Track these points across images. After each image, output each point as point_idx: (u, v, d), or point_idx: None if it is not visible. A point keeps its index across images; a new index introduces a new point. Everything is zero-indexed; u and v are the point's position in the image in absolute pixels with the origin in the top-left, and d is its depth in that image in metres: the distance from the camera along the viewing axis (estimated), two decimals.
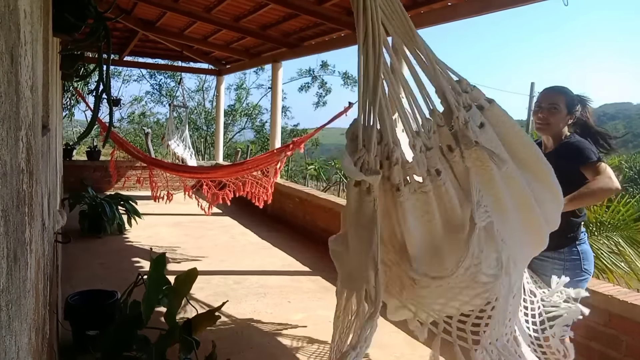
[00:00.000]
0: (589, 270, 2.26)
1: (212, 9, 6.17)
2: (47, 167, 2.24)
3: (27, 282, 0.97)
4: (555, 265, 2.20)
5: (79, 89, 9.65)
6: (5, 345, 0.67)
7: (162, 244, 5.52)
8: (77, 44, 3.11)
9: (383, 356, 3.05)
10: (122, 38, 8.44)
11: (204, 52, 8.98)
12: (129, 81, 21.73)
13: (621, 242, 4.62)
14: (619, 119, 78.03)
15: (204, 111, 22.14)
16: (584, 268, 2.23)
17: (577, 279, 2.19)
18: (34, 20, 1.26)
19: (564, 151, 2.24)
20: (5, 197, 0.69)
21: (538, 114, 2.31)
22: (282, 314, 3.72)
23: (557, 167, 2.07)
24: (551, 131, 2.30)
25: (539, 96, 2.35)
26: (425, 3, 4.51)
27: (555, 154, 2.24)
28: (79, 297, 2.99)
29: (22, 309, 0.89)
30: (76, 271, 4.38)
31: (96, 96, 2.64)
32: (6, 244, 0.69)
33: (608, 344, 2.58)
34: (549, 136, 2.33)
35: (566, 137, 2.32)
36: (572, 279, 2.16)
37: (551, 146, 2.33)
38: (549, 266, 2.20)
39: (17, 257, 0.81)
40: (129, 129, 22.18)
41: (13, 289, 0.76)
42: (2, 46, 0.67)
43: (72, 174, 8.35)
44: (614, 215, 4.84)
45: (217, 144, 10.62)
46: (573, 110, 2.29)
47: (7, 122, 0.71)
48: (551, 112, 2.26)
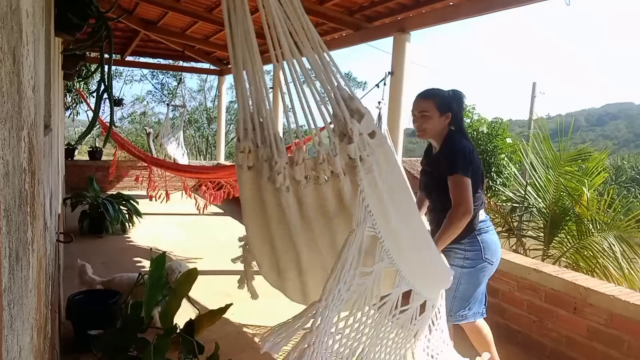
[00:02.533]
0: (491, 259, 2.34)
1: (213, 8, 6.17)
2: (49, 167, 2.24)
3: (29, 281, 0.97)
4: (457, 255, 2.32)
5: (80, 89, 9.66)
6: (8, 345, 0.67)
7: (163, 244, 5.52)
8: (79, 44, 3.12)
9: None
10: (123, 38, 8.44)
11: (206, 52, 8.99)
12: (131, 81, 21.79)
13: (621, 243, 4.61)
14: (621, 119, 77.90)
15: (205, 111, 22.15)
16: (484, 257, 2.32)
17: (478, 266, 2.31)
18: (36, 20, 1.26)
19: (442, 156, 2.37)
20: (7, 196, 0.69)
21: (414, 123, 2.44)
22: (283, 313, 3.71)
23: (435, 170, 2.33)
24: (430, 135, 2.41)
25: (412, 104, 2.44)
26: (427, 3, 4.51)
27: (437, 157, 2.40)
28: (81, 296, 2.99)
29: (24, 308, 0.89)
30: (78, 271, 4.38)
31: (97, 96, 2.64)
32: (8, 244, 0.69)
33: (610, 344, 2.58)
34: (432, 139, 2.45)
35: (446, 137, 2.40)
36: (473, 267, 2.30)
37: (438, 147, 2.44)
38: (452, 255, 2.33)
39: (19, 256, 0.82)
40: (131, 129, 22.22)
41: (15, 288, 0.76)
42: (5, 46, 0.67)
43: (74, 173, 8.37)
44: (613, 215, 4.84)
45: (219, 144, 10.63)
46: (446, 109, 2.36)
47: (9, 122, 0.71)
48: (424, 119, 2.37)
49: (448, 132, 2.41)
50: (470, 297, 2.36)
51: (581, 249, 4.88)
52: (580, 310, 2.74)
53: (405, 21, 4.78)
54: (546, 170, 5.69)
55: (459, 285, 2.31)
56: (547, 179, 5.59)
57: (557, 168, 5.43)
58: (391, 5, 4.78)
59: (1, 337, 0.61)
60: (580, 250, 4.89)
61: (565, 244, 5.19)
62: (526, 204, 5.95)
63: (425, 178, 2.57)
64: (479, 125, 10.25)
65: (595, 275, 4.44)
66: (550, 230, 5.44)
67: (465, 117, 10.75)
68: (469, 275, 2.32)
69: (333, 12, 5.23)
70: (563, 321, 2.85)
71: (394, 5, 4.80)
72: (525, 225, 6.10)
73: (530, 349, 2.39)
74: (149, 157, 6.71)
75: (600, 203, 5.14)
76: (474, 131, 10.42)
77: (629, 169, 19.55)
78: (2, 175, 0.64)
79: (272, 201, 1.55)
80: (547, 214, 5.49)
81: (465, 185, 2.23)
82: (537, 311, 2.98)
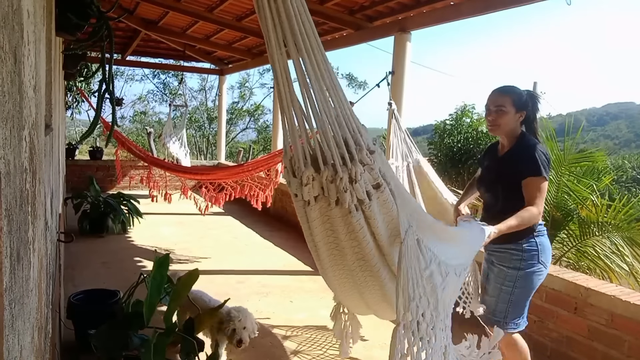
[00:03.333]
0: (546, 262, 2.32)
1: (214, 8, 6.17)
2: (50, 167, 2.24)
3: (30, 281, 0.97)
4: (514, 257, 2.29)
5: (82, 89, 9.66)
6: (9, 344, 0.67)
7: (164, 244, 5.53)
8: (80, 44, 3.12)
9: (386, 356, 3.04)
10: (124, 38, 8.45)
11: (206, 51, 8.99)
12: (132, 80, 21.79)
13: (622, 243, 4.60)
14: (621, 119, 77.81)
15: (206, 110, 22.15)
16: (540, 260, 2.30)
17: (533, 269, 2.28)
18: (37, 20, 1.26)
19: (516, 157, 2.34)
20: (8, 196, 0.69)
21: (488, 117, 2.40)
22: (284, 313, 3.72)
23: (505, 168, 2.34)
24: (502, 131, 2.37)
25: (487, 99, 2.41)
26: (427, 2, 4.51)
27: (509, 155, 2.36)
28: (82, 296, 2.99)
29: (25, 308, 0.90)
30: (79, 270, 4.39)
31: (99, 96, 2.64)
32: (9, 243, 0.69)
33: (610, 344, 2.58)
34: (503, 136, 2.41)
35: (519, 136, 2.38)
36: (530, 269, 2.27)
37: (507, 145, 2.40)
38: (507, 257, 2.30)
39: (20, 256, 0.82)
40: (132, 128, 22.22)
41: (16, 288, 0.76)
42: (6, 46, 0.67)
43: (74, 173, 8.37)
44: (615, 216, 4.83)
45: (219, 144, 10.63)
46: (522, 108, 2.34)
47: (10, 122, 0.71)
48: (499, 114, 2.33)
49: (521, 132, 2.38)
50: (525, 302, 2.32)
51: (582, 248, 4.88)
52: (580, 310, 2.74)
53: (405, 21, 4.78)
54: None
55: (514, 289, 2.27)
56: (549, 180, 5.57)
57: (560, 168, 5.42)
58: (392, 4, 4.78)
59: (2, 337, 0.61)
60: (581, 250, 4.88)
61: (566, 244, 5.19)
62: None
63: (487, 175, 2.52)
64: (478, 125, 10.23)
65: (598, 276, 4.44)
66: (551, 230, 5.43)
67: (465, 116, 10.75)
68: (525, 278, 2.26)
69: (333, 11, 5.22)
70: (564, 321, 2.85)
71: (394, 5, 4.80)
72: None
73: (530, 349, 2.38)
74: (149, 156, 6.71)
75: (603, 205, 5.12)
76: (473, 131, 10.40)
77: (630, 169, 19.54)
78: (3, 175, 0.64)
79: (344, 228, 1.58)
80: (548, 214, 5.48)
81: (545, 189, 2.26)
82: (537, 311, 2.97)
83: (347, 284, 1.80)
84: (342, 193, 1.46)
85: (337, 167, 1.46)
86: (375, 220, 1.50)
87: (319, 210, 1.54)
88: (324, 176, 1.48)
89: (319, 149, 1.50)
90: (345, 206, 1.48)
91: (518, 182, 2.26)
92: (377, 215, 1.50)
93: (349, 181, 1.47)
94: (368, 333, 3.31)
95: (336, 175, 1.46)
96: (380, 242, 1.57)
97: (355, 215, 1.48)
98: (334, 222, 1.56)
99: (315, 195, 1.53)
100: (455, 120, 10.87)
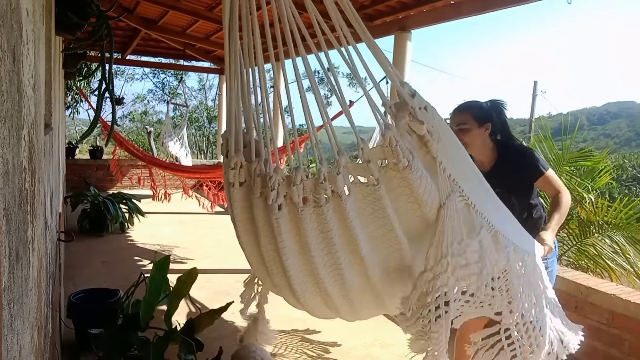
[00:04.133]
0: (554, 260, 2.36)
1: (214, 7, 6.17)
2: (50, 166, 2.24)
3: (29, 280, 0.97)
4: None
5: (81, 88, 9.66)
6: (8, 344, 0.67)
7: (164, 243, 5.53)
8: (80, 43, 3.12)
9: (386, 355, 3.05)
10: (124, 37, 8.44)
11: (206, 50, 8.98)
12: (132, 80, 21.78)
13: (623, 242, 4.60)
14: (622, 118, 77.82)
15: (206, 109, 22.16)
16: (557, 256, 2.38)
17: (555, 266, 2.35)
18: (36, 18, 1.26)
19: (512, 166, 2.32)
20: (7, 195, 0.69)
21: None
22: (283, 312, 3.71)
23: (510, 179, 2.29)
24: (473, 149, 2.30)
25: (449, 120, 2.37)
26: (428, 1, 4.51)
27: (509, 167, 2.32)
28: (82, 295, 2.99)
29: (25, 307, 0.89)
30: (79, 270, 4.39)
31: (99, 95, 2.64)
32: (8, 243, 0.69)
33: (611, 343, 2.58)
34: (477, 152, 2.35)
35: (501, 146, 2.36)
36: (552, 268, 2.30)
37: (491, 159, 2.37)
38: None
39: (19, 255, 0.81)
40: (132, 128, 22.23)
41: (15, 287, 0.76)
42: (4, 45, 0.67)
43: (74, 172, 8.38)
44: (615, 215, 4.82)
45: (219, 143, 10.63)
46: (485, 120, 2.31)
47: (9, 121, 0.71)
48: (462, 133, 2.27)
49: (499, 142, 2.36)
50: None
51: (582, 248, 4.88)
52: (581, 309, 2.74)
53: (406, 20, 4.77)
54: None
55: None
56: None
57: (559, 167, 5.42)
58: (392, 3, 4.77)
59: (1, 336, 0.61)
60: (582, 249, 4.88)
61: (566, 243, 5.19)
62: None
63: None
64: None
65: (598, 275, 4.44)
66: None
67: None
68: (550, 275, 2.20)
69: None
70: None
71: (394, 4, 4.79)
72: None
73: None
74: (147, 156, 6.71)
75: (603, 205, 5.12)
76: None
77: (630, 168, 19.55)
78: (1, 174, 0.63)
79: (263, 218, 1.52)
80: (548, 213, 5.47)
81: (556, 175, 2.34)
82: None
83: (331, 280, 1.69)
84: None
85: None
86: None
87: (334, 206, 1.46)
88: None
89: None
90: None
91: (529, 184, 2.32)
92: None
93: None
94: (367, 332, 3.31)
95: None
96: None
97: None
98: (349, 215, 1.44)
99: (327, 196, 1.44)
100: None
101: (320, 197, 1.43)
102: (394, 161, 1.35)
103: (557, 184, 2.31)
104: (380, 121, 1.41)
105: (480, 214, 1.49)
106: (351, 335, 3.27)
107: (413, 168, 1.35)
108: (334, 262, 1.52)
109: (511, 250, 1.58)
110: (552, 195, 2.30)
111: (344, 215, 1.42)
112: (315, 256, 1.50)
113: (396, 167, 1.35)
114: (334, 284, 1.58)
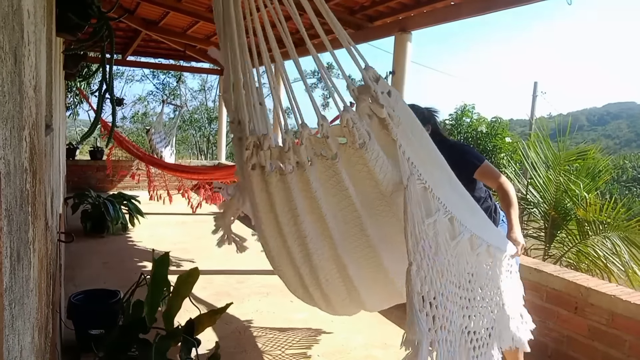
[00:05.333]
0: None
1: None
2: (51, 167, 2.24)
3: (30, 281, 0.98)
4: None
5: (82, 89, 9.67)
6: (9, 344, 0.67)
7: (164, 244, 5.53)
8: (81, 44, 3.13)
9: (387, 356, 3.05)
10: (125, 38, 8.45)
11: (207, 51, 8.98)
12: (131, 81, 21.79)
13: (619, 243, 4.61)
14: (622, 118, 77.75)
15: (206, 110, 22.16)
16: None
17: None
18: (37, 20, 1.26)
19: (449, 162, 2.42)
20: (8, 196, 0.69)
21: None
22: (284, 313, 3.72)
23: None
24: None
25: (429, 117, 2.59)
26: (428, 2, 4.51)
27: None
28: (82, 296, 3.00)
29: (26, 308, 0.90)
30: (79, 270, 4.39)
31: (99, 96, 2.65)
32: (9, 243, 0.69)
33: (611, 344, 2.58)
34: None
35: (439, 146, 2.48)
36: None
37: None
38: None
39: (20, 256, 0.82)
40: (132, 129, 22.23)
41: (16, 288, 0.76)
42: (6, 46, 0.67)
43: (75, 173, 8.37)
44: (615, 216, 4.83)
45: (220, 144, 10.65)
46: (425, 122, 2.45)
47: (10, 122, 0.71)
48: None
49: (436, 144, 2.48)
50: None
51: (583, 249, 4.88)
52: (581, 310, 2.74)
53: (406, 21, 4.77)
54: (547, 169, 5.68)
55: None
56: (547, 179, 5.58)
57: (558, 167, 5.42)
58: (392, 4, 4.78)
59: (2, 337, 0.61)
60: (582, 251, 4.88)
61: (566, 243, 5.19)
62: (524, 203, 5.94)
63: None
64: (478, 125, 10.24)
65: (598, 277, 4.43)
66: (551, 230, 5.43)
67: (465, 116, 10.76)
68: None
69: (334, 11, 5.17)
70: (564, 321, 2.84)
71: (395, 5, 4.80)
72: (526, 225, 6.10)
73: (531, 348, 2.38)
74: (146, 156, 6.71)
75: (602, 205, 5.12)
76: (473, 130, 10.40)
77: (631, 169, 19.53)
78: (3, 175, 0.64)
79: (281, 194, 1.60)
80: (547, 214, 5.48)
81: (491, 165, 2.49)
82: (538, 311, 2.97)
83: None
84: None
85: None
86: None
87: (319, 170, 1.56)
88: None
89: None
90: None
91: (468, 179, 2.41)
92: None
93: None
94: (368, 333, 3.31)
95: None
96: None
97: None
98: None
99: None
100: (455, 120, 10.87)
101: (285, 166, 1.53)
102: (351, 140, 1.44)
103: (495, 174, 2.46)
104: (339, 103, 1.48)
105: (437, 198, 1.56)
106: (352, 336, 3.27)
107: (369, 149, 1.43)
108: (299, 234, 1.68)
109: (466, 238, 1.68)
110: (495, 187, 2.44)
111: (307, 185, 1.53)
112: (284, 227, 1.66)
113: (353, 146, 1.44)
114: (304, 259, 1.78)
